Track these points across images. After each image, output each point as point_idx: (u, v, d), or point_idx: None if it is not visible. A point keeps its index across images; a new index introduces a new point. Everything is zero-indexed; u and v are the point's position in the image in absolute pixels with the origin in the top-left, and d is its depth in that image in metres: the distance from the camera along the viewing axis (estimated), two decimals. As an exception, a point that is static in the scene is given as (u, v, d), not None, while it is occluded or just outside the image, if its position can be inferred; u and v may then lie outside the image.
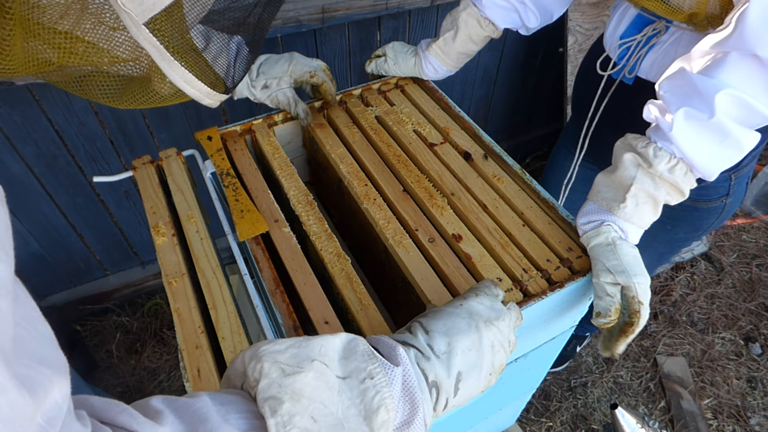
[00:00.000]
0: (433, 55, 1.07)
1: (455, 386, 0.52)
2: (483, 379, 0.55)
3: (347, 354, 0.47)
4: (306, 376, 0.43)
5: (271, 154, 0.98)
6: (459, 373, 0.53)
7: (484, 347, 0.55)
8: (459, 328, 0.55)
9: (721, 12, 0.75)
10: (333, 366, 0.46)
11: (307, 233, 0.85)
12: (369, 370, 0.46)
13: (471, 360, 0.54)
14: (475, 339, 0.55)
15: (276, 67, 0.96)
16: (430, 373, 0.51)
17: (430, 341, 0.53)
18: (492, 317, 0.58)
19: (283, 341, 0.46)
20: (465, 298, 0.60)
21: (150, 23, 0.45)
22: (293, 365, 0.44)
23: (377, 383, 0.46)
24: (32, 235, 1.58)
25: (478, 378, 0.54)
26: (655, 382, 1.86)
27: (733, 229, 2.36)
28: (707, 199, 1.06)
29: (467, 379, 0.53)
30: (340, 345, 0.48)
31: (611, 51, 1.01)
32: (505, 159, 0.96)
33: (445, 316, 0.56)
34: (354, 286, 0.77)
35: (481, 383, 0.55)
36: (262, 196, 0.90)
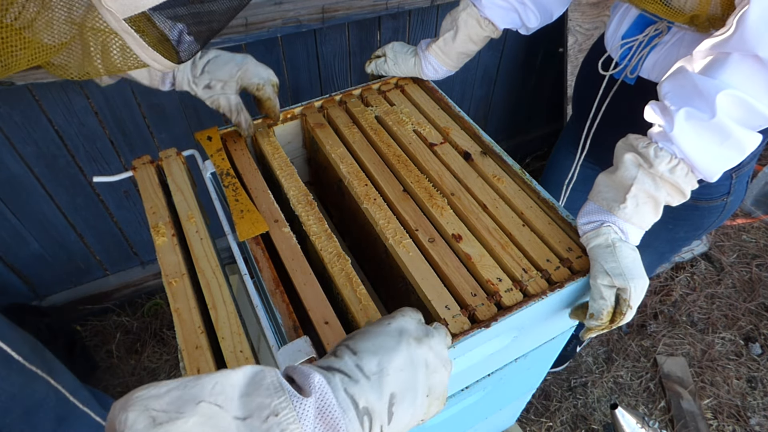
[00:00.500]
0: (432, 56, 1.07)
1: (388, 410, 0.48)
2: (420, 403, 0.50)
3: (250, 390, 0.42)
4: (185, 423, 0.37)
5: (270, 154, 0.98)
6: (392, 395, 0.48)
7: (418, 366, 0.51)
8: (389, 347, 0.51)
9: (723, 13, 0.75)
10: (231, 406, 0.40)
11: (307, 233, 0.85)
12: (273, 406, 0.41)
13: (404, 381, 0.49)
14: (406, 358, 0.51)
15: (223, 69, 0.90)
16: (360, 399, 0.46)
17: (359, 362, 0.49)
18: (422, 334, 0.54)
19: (165, 383, 0.41)
20: (392, 317, 0.56)
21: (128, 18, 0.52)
22: (171, 411, 0.38)
23: (282, 420, 0.40)
24: (32, 235, 1.58)
25: (413, 402, 0.50)
26: (655, 382, 1.86)
27: (733, 229, 2.36)
28: (708, 198, 1.06)
29: (401, 402, 0.49)
30: (243, 380, 0.42)
31: (613, 51, 1.01)
32: (505, 159, 0.96)
33: (374, 336, 0.52)
34: (354, 286, 0.77)
35: (417, 408, 0.50)
36: (262, 196, 0.90)
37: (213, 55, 0.91)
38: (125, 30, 0.55)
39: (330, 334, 0.71)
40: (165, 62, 0.61)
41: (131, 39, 0.56)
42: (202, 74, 0.90)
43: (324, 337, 0.71)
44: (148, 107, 1.47)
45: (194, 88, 0.91)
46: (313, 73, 1.64)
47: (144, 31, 0.56)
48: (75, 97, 1.35)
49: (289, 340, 0.69)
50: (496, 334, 0.74)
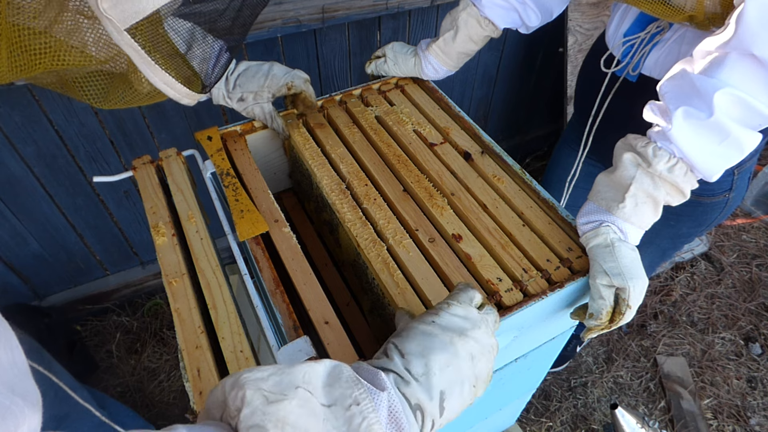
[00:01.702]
0: (432, 56, 1.08)
1: (440, 406, 0.51)
2: (467, 393, 0.54)
3: (332, 381, 0.46)
4: (290, 404, 0.42)
5: (302, 144, 1.00)
6: (441, 393, 0.51)
7: (462, 360, 0.54)
8: (434, 347, 0.53)
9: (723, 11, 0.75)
10: (317, 393, 0.45)
11: (342, 221, 0.86)
12: (355, 396, 0.45)
13: (450, 377, 0.52)
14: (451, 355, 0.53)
15: (253, 81, 0.95)
16: (412, 398, 0.50)
17: (407, 365, 0.52)
18: (467, 328, 0.56)
19: (265, 368, 0.45)
20: (437, 312, 0.58)
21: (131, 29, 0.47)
22: (277, 392, 0.43)
23: (363, 409, 0.44)
24: (32, 235, 1.58)
25: (461, 393, 0.53)
26: (655, 382, 1.86)
27: (733, 229, 2.36)
28: (710, 194, 1.06)
29: (450, 396, 0.52)
30: (324, 372, 0.47)
31: (614, 49, 1.01)
32: (505, 159, 0.96)
33: (419, 336, 0.55)
34: (391, 270, 0.79)
35: (465, 397, 0.54)
36: (262, 196, 0.90)
37: (243, 68, 0.95)
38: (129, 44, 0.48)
39: (330, 334, 0.71)
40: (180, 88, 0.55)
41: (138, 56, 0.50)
42: (234, 89, 0.94)
43: (324, 337, 0.71)
44: (148, 107, 1.47)
45: (229, 102, 0.96)
46: (313, 73, 1.64)
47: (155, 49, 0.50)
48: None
49: (289, 340, 0.69)
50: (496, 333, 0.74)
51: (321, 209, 1.03)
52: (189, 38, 0.54)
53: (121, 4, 0.46)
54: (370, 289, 0.87)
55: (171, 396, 1.77)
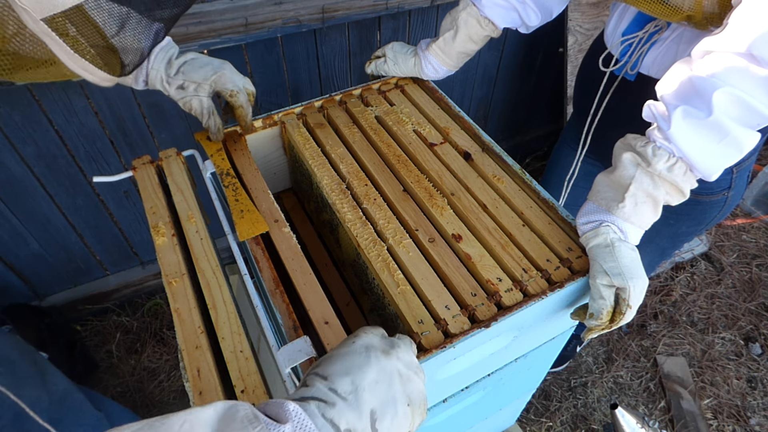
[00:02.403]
0: (432, 55, 1.08)
1: (372, 427, 0.46)
2: (402, 414, 0.49)
3: (223, 426, 0.41)
4: None
5: (302, 144, 1.00)
6: (372, 412, 0.47)
7: (392, 377, 0.50)
8: (359, 364, 0.50)
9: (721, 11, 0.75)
10: None
11: (342, 221, 0.86)
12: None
13: (381, 395, 0.48)
14: (379, 370, 0.50)
15: (199, 71, 0.89)
16: (341, 421, 0.45)
17: (331, 385, 0.47)
18: (388, 346, 0.53)
19: (130, 426, 0.39)
20: (355, 335, 0.55)
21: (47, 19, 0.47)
22: None
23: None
24: (32, 235, 1.58)
25: (395, 413, 0.48)
26: (655, 382, 1.86)
27: (733, 229, 2.36)
28: (709, 193, 1.06)
29: (383, 417, 0.47)
30: (214, 416, 0.41)
31: (613, 48, 1.01)
32: (505, 159, 0.96)
33: (341, 357, 0.51)
34: (391, 270, 0.78)
35: (401, 420, 0.49)
36: (262, 196, 0.90)
37: (190, 57, 0.90)
38: (45, 33, 0.48)
39: (330, 334, 0.71)
40: (100, 74, 0.54)
41: (55, 44, 0.49)
42: (176, 74, 0.88)
43: (324, 337, 0.71)
44: (148, 107, 1.48)
45: (167, 87, 0.89)
46: (313, 73, 1.64)
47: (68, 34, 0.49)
48: (75, 97, 1.35)
49: (289, 340, 0.69)
50: (496, 334, 0.74)
51: (321, 209, 1.03)
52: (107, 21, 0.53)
53: None
54: (370, 289, 0.87)
55: (171, 396, 1.77)
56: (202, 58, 0.90)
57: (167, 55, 0.87)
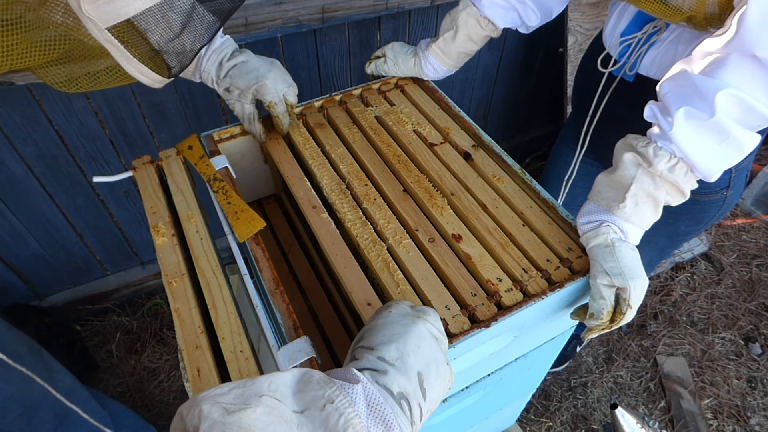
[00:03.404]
0: (432, 55, 1.08)
1: (421, 388, 0.51)
2: (443, 372, 0.54)
3: (302, 387, 0.44)
4: (255, 411, 0.39)
5: (302, 144, 1.00)
6: (419, 374, 0.51)
7: (429, 341, 0.54)
8: (400, 332, 0.54)
9: (721, 12, 0.75)
10: (287, 401, 0.42)
11: (342, 220, 0.86)
12: (328, 395, 0.43)
13: (424, 356, 0.53)
14: (418, 336, 0.54)
15: (244, 78, 0.90)
16: (393, 386, 0.49)
17: (379, 354, 0.51)
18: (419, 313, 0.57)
19: (226, 385, 0.43)
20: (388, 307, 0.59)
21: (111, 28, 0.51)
22: (238, 403, 0.40)
23: (339, 406, 0.43)
24: (32, 235, 1.58)
25: (438, 372, 0.53)
26: (655, 382, 1.86)
27: (733, 229, 2.36)
28: (708, 192, 1.06)
29: (428, 376, 0.52)
30: (292, 380, 0.45)
31: (612, 48, 1.01)
32: (505, 159, 0.96)
33: (382, 328, 0.55)
34: (391, 270, 0.79)
35: (442, 377, 0.54)
36: (299, 183, 0.93)
37: (241, 60, 0.92)
38: (109, 40, 0.52)
39: None
40: (154, 76, 0.59)
41: (116, 50, 0.53)
42: (224, 77, 0.92)
43: (368, 317, 0.72)
44: (148, 107, 1.48)
45: (216, 88, 0.94)
46: (313, 73, 1.64)
47: (130, 42, 0.54)
48: (75, 97, 1.35)
49: (289, 340, 0.69)
50: (496, 334, 0.74)
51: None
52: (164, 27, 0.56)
53: (103, 7, 0.49)
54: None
55: (171, 396, 1.77)
56: (251, 62, 0.92)
57: (219, 57, 0.91)
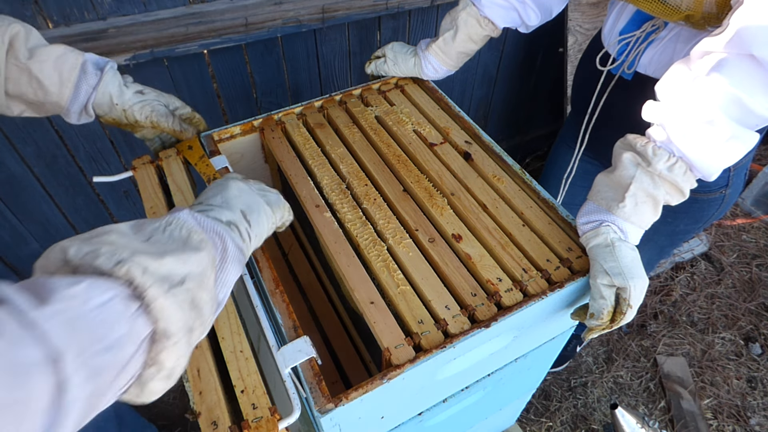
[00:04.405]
0: (432, 55, 1.08)
1: (245, 219, 0.62)
2: (265, 211, 0.66)
3: (137, 228, 0.50)
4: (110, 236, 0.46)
5: (302, 144, 1.00)
6: (242, 211, 0.62)
7: (250, 191, 0.66)
8: (222, 187, 0.65)
9: (719, 12, 0.75)
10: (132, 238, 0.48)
11: (342, 220, 0.86)
12: (164, 221, 0.51)
13: (245, 200, 0.64)
14: (238, 188, 0.65)
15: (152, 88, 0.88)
16: (221, 216, 0.59)
17: (207, 202, 0.62)
18: (244, 178, 0.70)
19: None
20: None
21: None
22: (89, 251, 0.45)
23: (176, 224, 0.51)
24: (32, 235, 1.58)
25: (260, 210, 0.65)
26: (655, 382, 1.86)
27: (733, 229, 2.36)
28: (707, 191, 1.06)
29: (251, 212, 0.63)
30: (126, 227, 0.50)
31: (610, 47, 1.01)
32: (505, 159, 0.96)
33: (209, 189, 0.66)
34: (391, 270, 0.79)
35: (264, 215, 0.65)
36: (302, 183, 0.93)
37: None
38: None
39: (376, 314, 0.73)
40: None
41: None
42: (135, 83, 0.87)
43: (371, 316, 0.72)
44: (148, 107, 1.47)
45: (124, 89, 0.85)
46: (313, 73, 1.64)
47: None
48: (75, 98, 1.35)
49: (289, 340, 0.69)
50: (496, 334, 0.74)
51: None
52: None
53: None
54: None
55: (171, 396, 1.77)
56: None
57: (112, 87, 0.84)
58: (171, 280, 0.45)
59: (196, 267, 0.48)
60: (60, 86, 0.78)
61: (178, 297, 0.45)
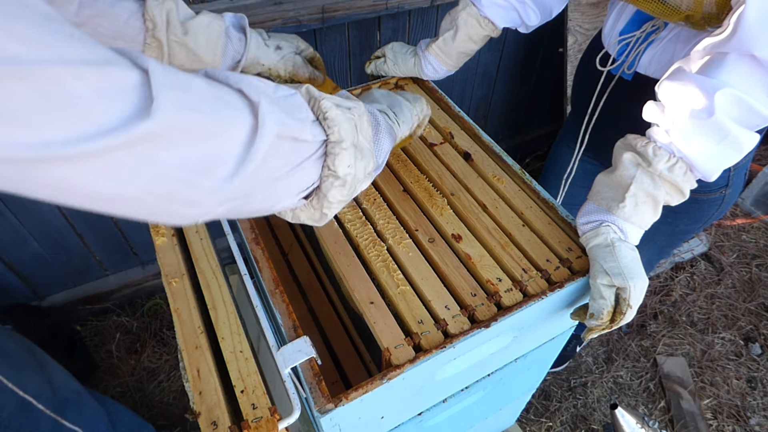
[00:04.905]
0: (432, 55, 1.08)
1: (391, 111, 0.72)
2: (406, 107, 0.75)
3: None
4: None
5: None
6: (389, 106, 0.72)
7: (390, 94, 0.76)
8: (369, 94, 0.75)
9: (719, 12, 0.75)
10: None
11: (341, 220, 0.86)
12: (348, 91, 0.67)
13: (390, 100, 0.74)
14: (379, 93, 0.76)
15: (279, 34, 0.94)
16: (372, 107, 0.64)
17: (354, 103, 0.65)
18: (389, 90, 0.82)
19: None
20: None
21: None
22: None
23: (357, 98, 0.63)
24: (32, 235, 1.58)
25: (402, 108, 0.74)
26: (655, 382, 1.86)
27: (733, 229, 2.36)
28: (707, 191, 1.06)
29: (395, 107, 0.73)
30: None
31: (610, 47, 1.01)
32: (504, 159, 0.96)
33: (362, 96, 0.76)
34: (391, 271, 0.79)
35: (407, 110, 0.75)
36: None
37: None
38: None
39: (376, 314, 0.73)
40: None
41: None
42: (270, 38, 0.92)
43: (371, 316, 0.72)
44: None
45: (264, 56, 0.91)
46: (313, 73, 1.64)
47: None
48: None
49: (289, 340, 0.69)
50: (496, 334, 0.74)
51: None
52: None
53: None
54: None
55: (171, 396, 1.77)
56: None
57: None
58: (342, 104, 0.54)
59: (359, 110, 0.57)
60: (212, 55, 0.84)
61: (346, 114, 0.54)
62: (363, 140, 0.56)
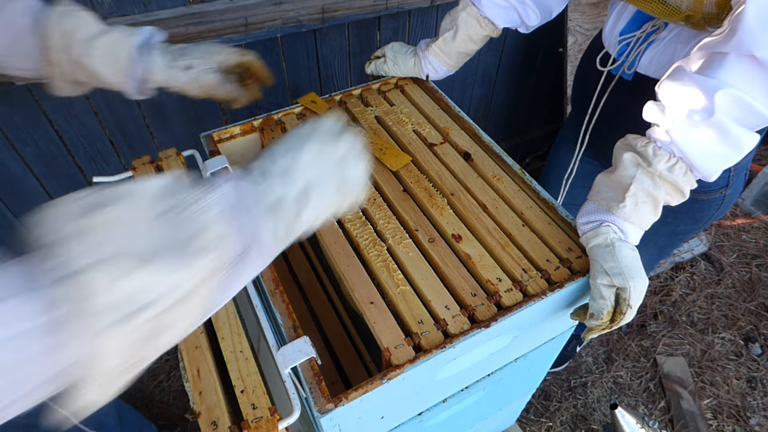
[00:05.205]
0: (432, 55, 1.08)
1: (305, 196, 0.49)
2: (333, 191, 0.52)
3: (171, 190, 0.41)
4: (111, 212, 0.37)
5: None
6: (306, 184, 0.49)
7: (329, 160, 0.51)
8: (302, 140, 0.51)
9: (719, 12, 0.75)
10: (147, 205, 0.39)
11: (341, 220, 0.86)
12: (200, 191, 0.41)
13: (317, 171, 0.50)
14: (316, 152, 0.50)
15: (198, 49, 0.85)
16: (273, 191, 0.47)
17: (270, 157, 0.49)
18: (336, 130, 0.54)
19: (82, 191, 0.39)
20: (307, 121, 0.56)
21: None
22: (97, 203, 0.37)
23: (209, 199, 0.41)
24: (32, 235, 1.58)
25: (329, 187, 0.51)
26: (655, 382, 1.86)
27: (733, 229, 2.36)
28: (707, 191, 1.06)
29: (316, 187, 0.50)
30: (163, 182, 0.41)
31: (610, 47, 1.01)
32: (504, 159, 0.97)
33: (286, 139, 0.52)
34: (390, 270, 0.79)
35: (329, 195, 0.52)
36: None
37: (182, 45, 0.86)
38: None
39: (376, 314, 0.73)
40: None
41: None
42: (179, 58, 0.84)
43: (371, 316, 0.72)
44: (148, 107, 1.48)
45: (172, 77, 0.83)
46: (313, 73, 1.64)
47: None
48: (75, 98, 1.35)
49: (289, 340, 0.69)
50: (496, 334, 0.74)
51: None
52: None
53: None
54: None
55: (171, 396, 1.77)
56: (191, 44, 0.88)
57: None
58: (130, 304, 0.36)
59: (184, 280, 0.38)
60: (116, 76, 0.79)
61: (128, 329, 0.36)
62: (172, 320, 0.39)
